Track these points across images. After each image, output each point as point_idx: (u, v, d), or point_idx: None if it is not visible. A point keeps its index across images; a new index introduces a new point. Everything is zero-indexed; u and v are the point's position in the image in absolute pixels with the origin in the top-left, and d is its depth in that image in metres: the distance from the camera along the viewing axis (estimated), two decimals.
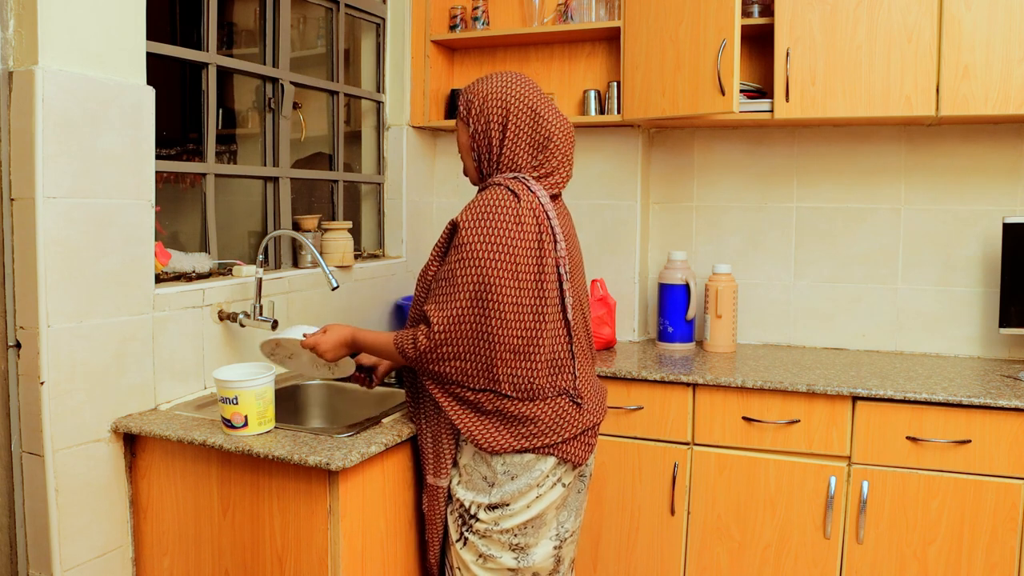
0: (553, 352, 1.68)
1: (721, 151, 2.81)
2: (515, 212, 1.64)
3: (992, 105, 2.21)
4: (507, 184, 1.68)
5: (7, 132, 1.61)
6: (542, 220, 1.67)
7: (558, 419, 1.69)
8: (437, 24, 2.89)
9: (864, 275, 2.67)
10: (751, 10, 2.52)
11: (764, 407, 2.23)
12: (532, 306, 1.64)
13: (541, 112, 1.73)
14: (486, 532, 1.70)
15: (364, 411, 2.10)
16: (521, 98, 1.74)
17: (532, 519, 1.70)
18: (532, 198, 1.67)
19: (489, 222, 1.63)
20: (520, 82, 1.76)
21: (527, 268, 1.64)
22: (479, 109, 1.75)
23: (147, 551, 1.82)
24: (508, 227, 1.63)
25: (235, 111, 2.57)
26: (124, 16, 1.76)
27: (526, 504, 1.69)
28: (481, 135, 1.75)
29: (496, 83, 1.76)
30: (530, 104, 1.73)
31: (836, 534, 2.18)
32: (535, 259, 1.65)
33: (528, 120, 1.73)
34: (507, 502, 1.69)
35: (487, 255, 1.61)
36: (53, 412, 1.62)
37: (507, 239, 1.62)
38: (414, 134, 2.93)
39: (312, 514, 1.61)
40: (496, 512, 1.70)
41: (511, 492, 1.68)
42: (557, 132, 1.74)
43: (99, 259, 1.71)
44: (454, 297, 1.62)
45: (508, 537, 1.70)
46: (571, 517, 1.78)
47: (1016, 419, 2.02)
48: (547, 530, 1.73)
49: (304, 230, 2.43)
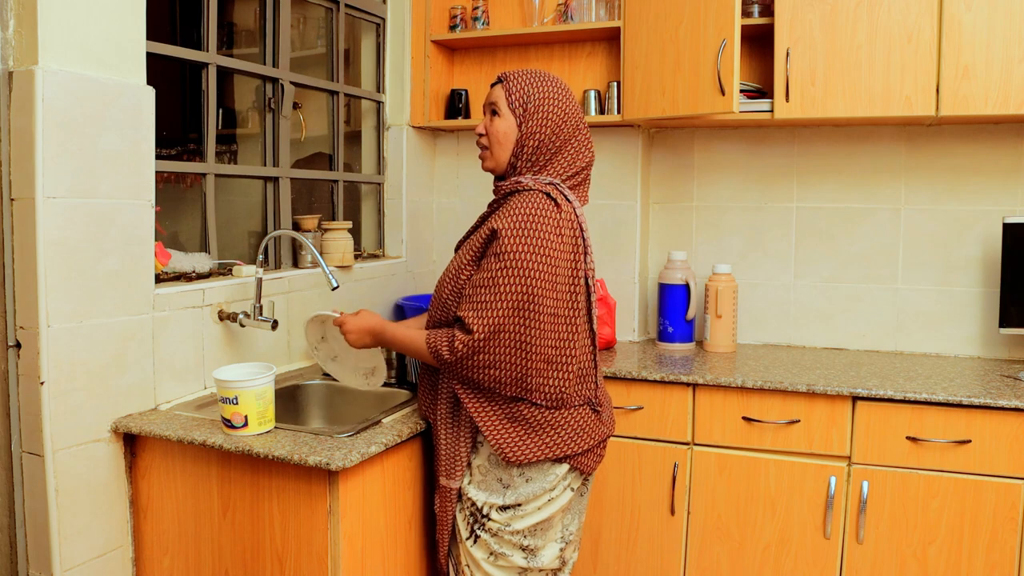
0: (581, 362, 1.71)
1: (721, 151, 2.81)
2: (556, 221, 1.63)
3: (992, 105, 2.21)
4: (545, 191, 1.66)
5: (7, 132, 1.61)
6: (577, 231, 1.68)
7: (580, 429, 1.71)
8: (437, 24, 2.89)
9: (864, 275, 2.67)
10: (751, 10, 2.52)
11: (764, 407, 2.23)
12: (566, 316, 1.65)
13: (584, 125, 1.78)
14: (498, 531, 1.71)
15: (364, 411, 2.10)
16: (577, 111, 1.77)
17: (542, 522, 1.71)
18: (570, 208, 1.68)
19: (532, 230, 1.60)
20: (572, 95, 1.79)
21: (564, 278, 1.64)
22: (537, 109, 1.71)
23: (147, 551, 1.82)
24: (550, 236, 1.61)
25: (235, 111, 2.57)
26: (124, 16, 1.76)
27: (538, 507, 1.70)
28: (532, 136, 1.71)
29: (557, 90, 1.74)
30: (581, 118, 1.78)
31: (836, 534, 2.18)
32: (571, 269, 1.66)
33: (583, 139, 1.76)
34: (520, 503, 1.69)
35: (531, 264, 1.59)
36: (53, 412, 1.62)
37: (549, 248, 1.61)
38: (414, 134, 2.93)
39: (312, 514, 1.61)
40: (508, 513, 1.70)
41: (525, 494, 1.69)
42: (592, 152, 1.79)
43: (99, 259, 1.71)
44: (496, 305, 1.59)
45: (519, 538, 1.71)
46: (575, 520, 1.80)
47: (1016, 419, 2.02)
48: (554, 532, 1.75)
49: (304, 230, 2.43)
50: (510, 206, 1.65)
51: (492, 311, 1.60)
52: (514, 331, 1.60)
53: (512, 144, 1.74)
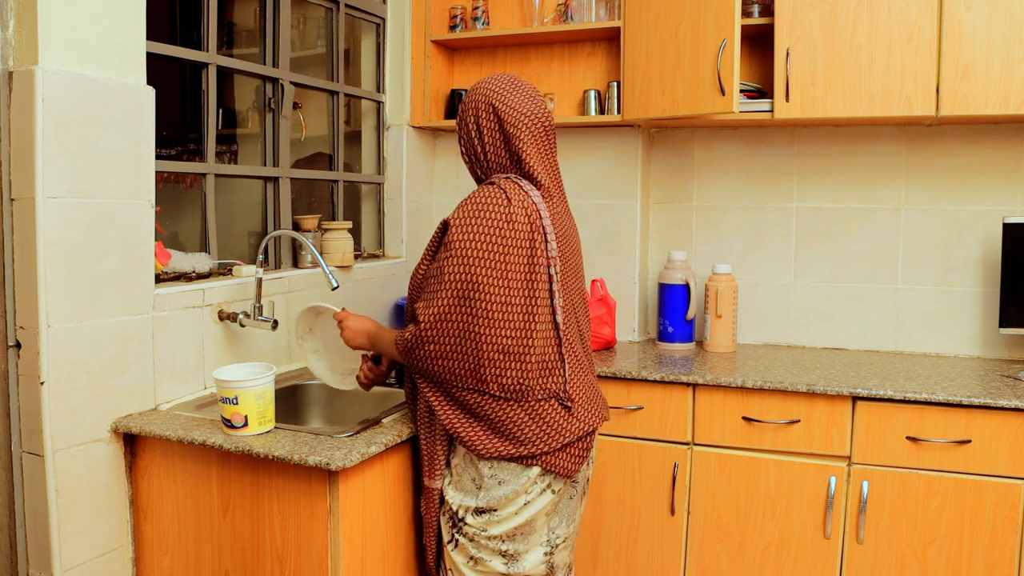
0: (544, 354, 1.65)
1: (721, 151, 2.81)
2: (506, 211, 1.63)
3: (992, 105, 2.21)
4: (499, 183, 1.68)
5: (7, 132, 1.61)
6: (534, 219, 1.65)
7: (546, 426, 1.65)
8: (437, 24, 2.89)
9: (864, 275, 2.67)
10: (751, 10, 2.52)
11: (764, 407, 2.23)
12: (522, 306, 1.62)
13: (505, 100, 1.71)
14: (474, 536, 1.68)
15: (364, 411, 2.10)
16: (484, 96, 1.73)
17: (521, 526, 1.67)
18: (524, 197, 1.66)
19: (479, 220, 1.62)
20: (490, 82, 1.75)
21: (517, 267, 1.62)
22: (461, 115, 1.79)
23: (147, 551, 1.82)
24: (499, 225, 1.62)
25: (235, 111, 2.57)
26: (124, 16, 1.76)
27: (514, 511, 1.66)
28: (465, 140, 1.78)
29: (473, 88, 1.78)
30: (492, 95, 1.73)
31: (836, 534, 2.18)
32: (526, 258, 1.63)
33: (492, 116, 1.72)
34: (494, 507, 1.66)
35: (475, 253, 1.60)
36: (53, 412, 1.62)
37: (497, 237, 1.61)
38: (414, 134, 2.93)
39: (312, 514, 1.61)
40: (483, 517, 1.67)
41: (498, 497, 1.65)
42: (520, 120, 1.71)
43: (99, 259, 1.71)
44: (440, 294, 1.61)
45: (496, 543, 1.67)
46: (563, 523, 1.74)
47: (1016, 419, 2.02)
48: (538, 537, 1.70)
49: (304, 230, 2.43)
50: (463, 200, 1.69)
51: (437, 300, 1.62)
52: (459, 320, 1.60)
53: (464, 157, 1.81)
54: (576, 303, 1.78)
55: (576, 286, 1.79)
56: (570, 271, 1.76)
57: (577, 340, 1.76)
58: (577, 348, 1.75)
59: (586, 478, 1.81)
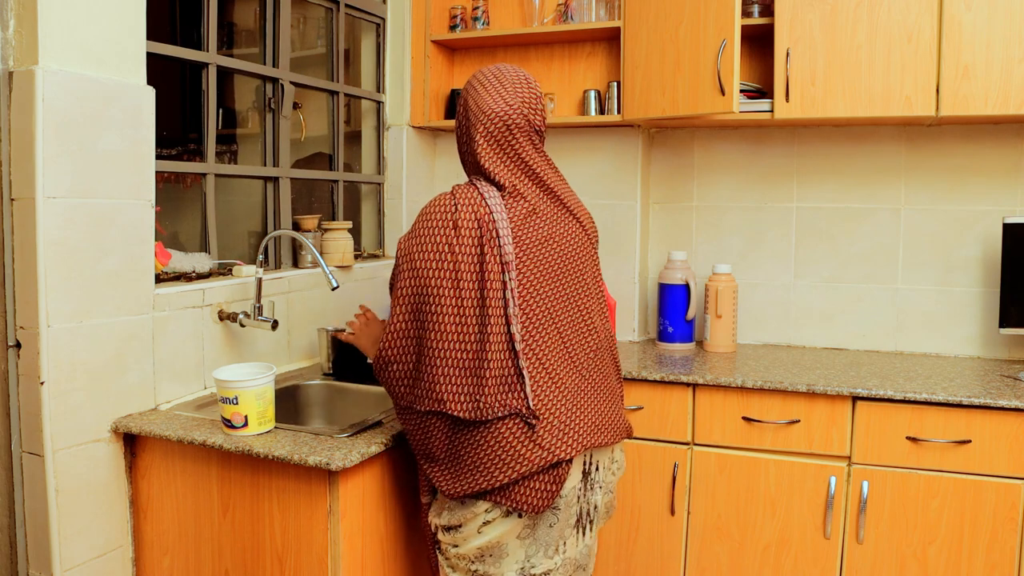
0: (502, 367, 1.49)
1: (721, 151, 2.81)
2: (452, 216, 1.53)
3: (992, 105, 2.21)
4: (454, 188, 1.60)
5: (7, 132, 1.61)
6: (484, 220, 1.53)
7: (503, 452, 1.48)
8: (437, 24, 2.89)
9: (864, 275, 2.67)
10: (751, 10, 2.52)
11: (764, 407, 2.23)
12: (477, 316, 1.49)
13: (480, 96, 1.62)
14: (447, 553, 1.61)
15: (364, 411, 2.10)
16: (464, 91, 1.66)
17: (487, 547, 1.54)
18: (476, 199, 1.55)
19: (426, 228, 1.54)
20: (476, 75, 1.67)
21: (469, 275, 1.51)
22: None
23: (147, 551, 1.82)
24: (446, 232, 1.52)
25: (235, 111, 2.57)
26: (124, 16, 1.76)
27: (476, 529, 1.54)
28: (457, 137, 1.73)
29: (467, 86, 1.69)
30: (465, 95, 1.65)
31: (836, 534, 2.18)
32: (476, 264, 1.51)
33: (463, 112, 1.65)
34: (458, 524, 1.56)
35: (423, 263, 1.51)
36: (53, 412, 1.62)
37: (444, 245, 1.51)
38: (414, 134, 2.93)
39: (312, 514, 1.61)
40: (450, 535, 1.58)
41: (460, 514, 1.55)
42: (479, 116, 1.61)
43: (99, 259, 1.71)
44: (395, 311, 1.53)
45: (467, 564, 1.58)
46: (541, 552, 1.55)
47: (1016, 419, 2.02)
48: (509, 563, 1.55)
49: (304, 230, 2.43)
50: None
51: (393, 318, 1.54)
52: (415, 336, 1.52)
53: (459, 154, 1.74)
54: (562, 312, 1.60)
55: (564, 293, 1.61)
56: (550, 276, 1.59)
57: (557, 353, 1.56)
58: (554, 362, 1.55)
59: (593, 505, 1.63)
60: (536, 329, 1.54)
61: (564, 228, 1.65)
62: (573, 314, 1.63)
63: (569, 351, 1.59)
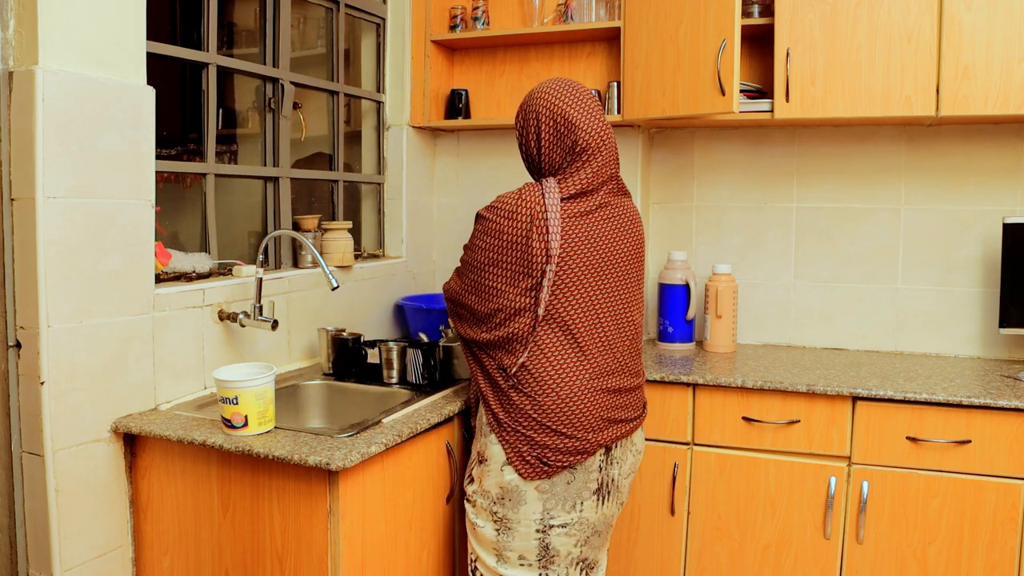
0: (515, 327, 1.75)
1: (721, 151, 2.81)
2: (512, 207, 1.74)
3: (992, 105, 2.21)
4: (525, 184, 1.78)
5: (7, 132, 1.61)
6: (537, 216, 1.71)
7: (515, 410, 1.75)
8: (437, 24, 2.89)
9: (864, 275, 2.67)
10: (751, 10, 2.52)
11: (764, 407, 2.23)
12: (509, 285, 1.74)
13: (571, 119, 1.77)
14: (473, 496, 1.82)
15: (364, 411, 2.10)
16: (550, 106, 1.80)
17: (507, 487, 1.74)
18: (537, 196, 1.74)
19: (489, 215, 1.78)
20: (552, 86, 1.82)
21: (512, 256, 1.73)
22: (522, 119, 1.86)
23: (147, 551, 1.82)
24: (500, 220, 1.75)
25: (235, 111, 2.57)
26: (124, 16, 1.76)
27: (499, 467, 1.75)
28: (523, 143, 1.86)
29: (535, 92, 1.84)
30: (556, 106, 1.79)
31: (836, 534, 2.18)
32: (522, 249, 1.72)
33: (553, 124, 1.79)
34: (486, 457, 1.78)
35: (478, 240, 1.79)
36: (53, 412, 1.62)
37: (497, 229, 1.75)
38: (414, 134, 2.93)
39: (312, 514, 1.61)
40: (481, 467, 1.80)
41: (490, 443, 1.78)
42: (589, 138, 1.77)
43: (99, 259, 1.71)
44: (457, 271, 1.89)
45: (488, 502, 1.77)
46: (559, 506, 1.73)
47: (1016, 419, 2.02)
48: (528, 510, 1.72)
49: (304, 230, 2.43)
50: None
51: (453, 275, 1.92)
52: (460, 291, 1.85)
53: (521, 156, 1.91)
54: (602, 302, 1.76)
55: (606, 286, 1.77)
56: (594, 270, 1.75)
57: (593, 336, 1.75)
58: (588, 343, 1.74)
59: (609, 478, 1.79)
60: (574, 312, 1.73)
61: (620, 230, 1.82)
62: (614, 305, 1.79)
63: (606, 336, 1.78)
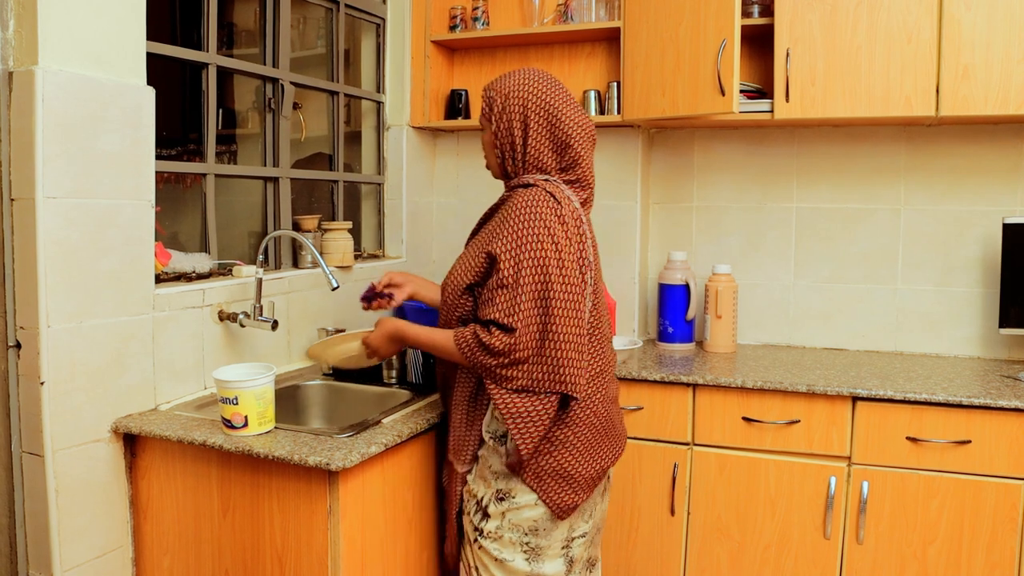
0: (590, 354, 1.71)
1: (721, 151, 2.81)
2: (559, 212, 1.65)
3: (992, 106, 2.21)
4: (543, 187, 1.68)
5: (7, 132, 1.61)
6: (579, 221, 1.69)
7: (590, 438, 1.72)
8: (437, 24, 2.89)
9: (864, 275, 2.67)
10: (751, 10, 2.52)
11: (764, 407, 2.23)
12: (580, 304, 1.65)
13: (561, 111, 1.72)
14: (497, 531, 1.70)
15: (364, 411, 2.10)
16: (540, 96, 1.72)
17: (542, 518, 1.69)
18: (568, 200, 1.69)
19: (538, 222, 1.62)
20: (540, 80, 1.75)
21: (571, 266, 1.63)
22: (501, 107, 1.75)
23: (147, 551, 1.82)
24: (555, 227, 1.63)
25: (235, 111, 2.57)
26: (124, 16, 1.76)
27: (533, 500, 1.68)
28: (504, 134, 1.75)
29: (517, 80, 1.75)
30: (549, 102, 1.72)
31: (836, 534, 2.18)
32: (576, 258, 1.65)
33: (546, 120, 1.72)
34: (513, 492, 1.68)
35: (544, 252, 1.61)
36: (53, 412, 1.62)
37: (560, 235, 1.62)
38: (414, 134, 2.93)
39: (312, 514, 1.61)
40: (504, 504, 1.69)
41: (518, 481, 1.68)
42: (577, 132, 1.73)
43: (99, 259, 1.71)
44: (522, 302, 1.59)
45: (519, 535, 1.69)
46: (580, 518, 1.76)
47: (1016, 419, 2.02)
48: (559, 533, 1.72)
49: (304, 230, 2.43)
50: (512, 201, 1.68)
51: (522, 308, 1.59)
52: (539, 322, 1.60)
53: (494, 149, 1.78)
54: (603, 312, 1.79)
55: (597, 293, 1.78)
56: (598, 278, 1.78)
57: (610, 347, 1.79)
58: (609, 354, 1.78)
59: (607, 476, 1.85)
60: (598, 321, 1.74)
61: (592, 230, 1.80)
62: (604, 313, 1.80)
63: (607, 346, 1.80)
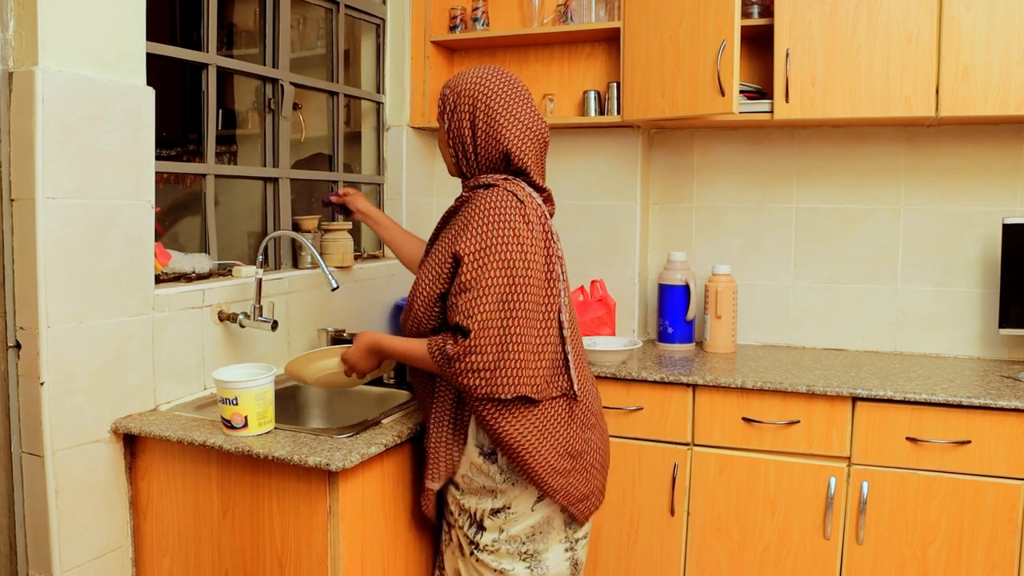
0: (554, 354, 1.66)
1: (721, 152, 2.81)
2: (523, 212, 1.62)
3: (991, 106, 2.21)
4: (504, 186, 1.65)
5: (7, 132, 1.61)
6: (543, 219, 1.67)
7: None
8: (437, 25, 2.89)
9: (864, 276, 2.67)
10: (751, 10, 2.52)
11: (764, 408, 2.23)
12: (544, 305, 1.63)
13: (508, 110, 1.68)
14: (494, 545, 1.67)
15: (364, 412, 2.10)
16: (489, 94, 1.68)
17: (539, 523, 1.68)
18: (530, 193, 1.67)
19: (503, 222, 1.59)
20: (491, 77, 1.70)
21: (538, 267, 1.62)
22: (452, 105, 1.72)
23: (147, 552, 1.82)
24: (521, 228, 1.60)
25: (235, 111, 2.57)
26: (124, 17, 1.76)
27: (530, 507, 1.67)
28: (455, 133, 1.72)
29: (468, 78, 1.71)
30: (497, 102, 1.68)
31: (836, 535, 2.18)
32: (543, 257, 1.64)
33: (489, 119, 1.68)
34: (509, 505, 1.67)
35: (509, 253, 1.58)
36: (53, 412, 1.62)
37: (524, 236, 1.60)
38: (414, 135, 2.93)
39: (312, 515, 1.61)
40: (500, 517, 1.67)
41: (514, 495, 1.67)
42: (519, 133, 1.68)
43: (99, 259, 1.71)
44: (482, 302, 1.55)
45: (516, 545, 1.67)
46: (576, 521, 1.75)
47: (1016, 419, 2.02)
48: (556, 535, 1.71)
49: (304, 231, 2.43)
50: (473, 203, 1.64)
51: (480, 308, 1.55)
52: (499, 325, 1.55)
53: (448, 147, 1.75)
54: (573, 308, 1.79)
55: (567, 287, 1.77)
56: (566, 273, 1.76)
57: (580, 342, 1.77)
58: (581, 350, 1.76)
59: None
60: (570, 317, 1.71)
61: None
62: (574, 310, 1.79)
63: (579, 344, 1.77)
